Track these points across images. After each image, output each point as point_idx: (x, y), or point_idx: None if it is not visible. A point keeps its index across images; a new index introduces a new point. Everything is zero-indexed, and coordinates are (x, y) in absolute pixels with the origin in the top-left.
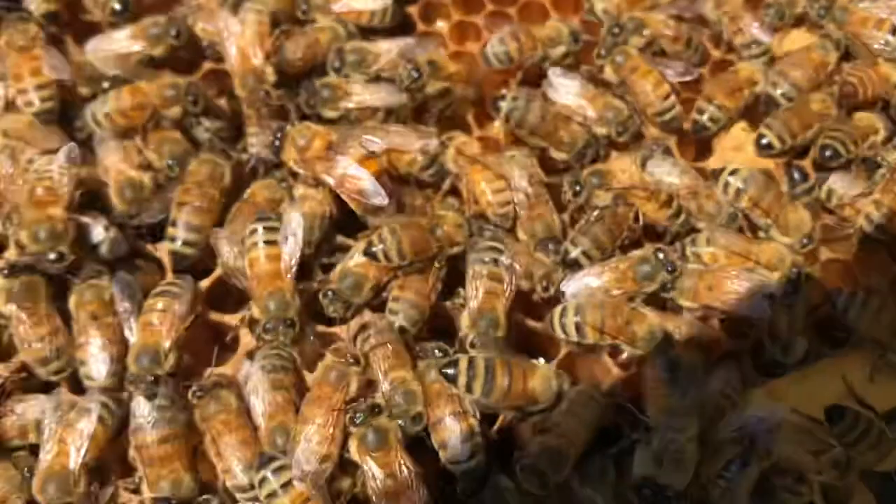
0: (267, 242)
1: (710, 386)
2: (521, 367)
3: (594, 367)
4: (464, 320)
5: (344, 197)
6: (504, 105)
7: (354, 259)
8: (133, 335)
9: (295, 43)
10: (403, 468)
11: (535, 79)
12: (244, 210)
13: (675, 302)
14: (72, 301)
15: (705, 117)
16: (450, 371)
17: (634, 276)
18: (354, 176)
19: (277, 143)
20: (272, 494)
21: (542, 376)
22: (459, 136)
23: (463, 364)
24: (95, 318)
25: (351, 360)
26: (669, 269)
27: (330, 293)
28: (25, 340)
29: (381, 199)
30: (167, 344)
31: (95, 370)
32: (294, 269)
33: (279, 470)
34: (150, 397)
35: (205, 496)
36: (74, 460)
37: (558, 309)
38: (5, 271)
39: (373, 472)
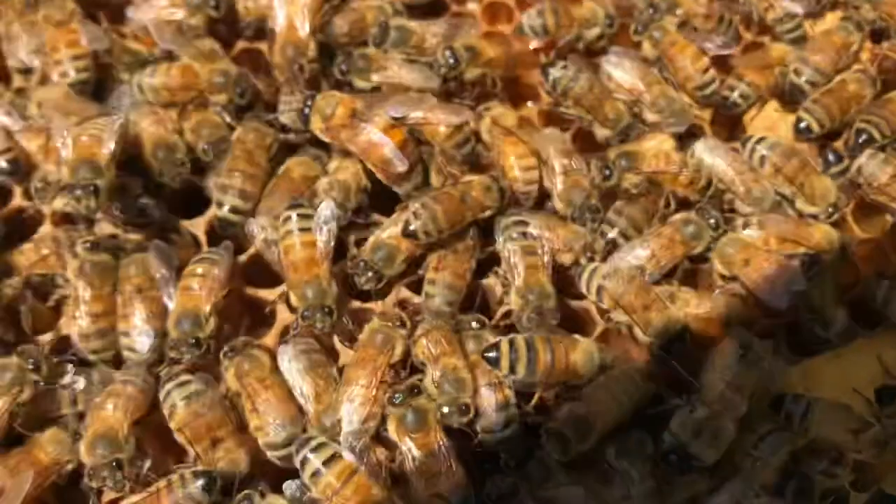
0: (301, 230)
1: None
2: (563, 343)
3: (630, 347)
4: (513, 300)
5: (369, 165)
6: (553, 72)
7: (387, 231)
8: (172, 301)
9: (343, 18)
10: (443, 448)
11: None
12: (280, 186)
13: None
14: (122, 272)
15: (736, 94)
16: (492, 355)
17: (682, 238)
18: (377, 144)
19: (307, 111)
20: (316, 473)
21: (583, 351)
22: (498, 107)
23: (504, 347)
24: (140, 290)
25: (397, 323)
26: (714, 225)
27: (362, 264)
28: (77, 314)
29: (402, 167)
30: (207, 308)
31: (139, 342)
32: (330, 256)
33: (318, 448)
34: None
35: (245, 491)
36: (120, 420)
37: (590, 266)
38: (87, 245)
39: (412, 452)
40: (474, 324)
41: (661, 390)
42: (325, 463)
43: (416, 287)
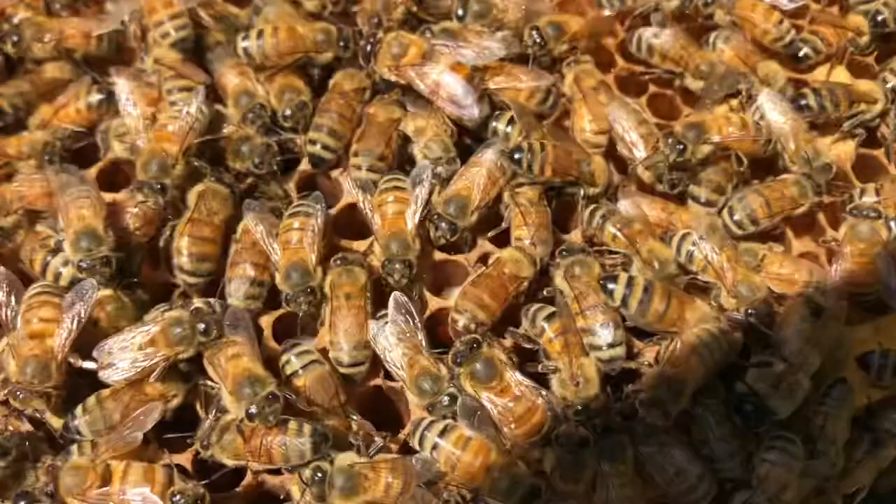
0: (396, 188)
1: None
2: (681, 300)
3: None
4: (637, 272)
5: (438, 102)
6: (635, 34)
7: (457, 184)
8: (276, 255)
9: None
10: (522, 387)
11: None
12: (370, 130)
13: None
14: (243, 223)
15: (808, 47)
16: (609, 285)
17: (791, 194)
18: (447, 82)
19: (369, 48)
20: (435, 447)
21: (700, 312)
22: (584, 63)
23: (623, 279)
24: (254, 245)
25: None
26: (817, 191)
27: (436, 217)
28: (182, 231)
29: (470, 101)
30: (313, 257)
31: (235, 286)
32: (419, 215)
33: (431, 425)
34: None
35: (314, 463)
36: (253, 361)
37: (681, 231)
38: (213, 178)
39: (494, 402)
40: (582, 252)
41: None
42: (441, 434)
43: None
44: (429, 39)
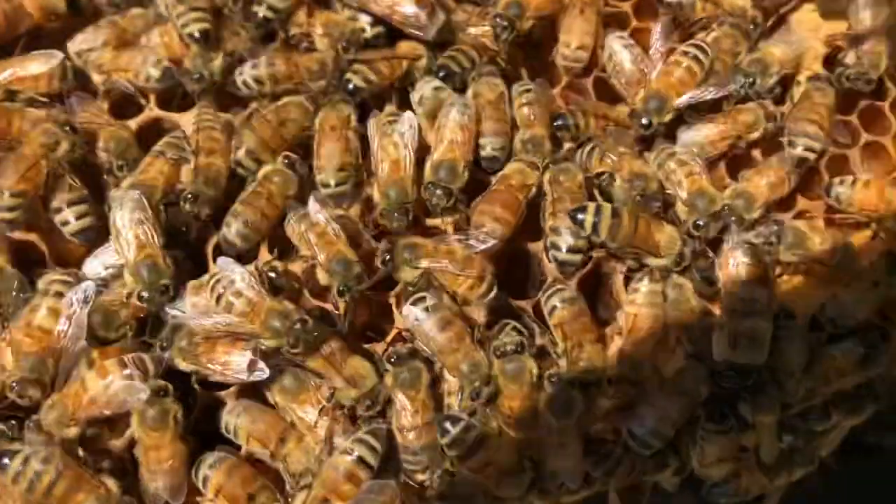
0: (386, 134)
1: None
2: (649, 222)
3: None
4: (617, 187)
5: (395, 24)
6: None
7: (439, 150)
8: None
9: None
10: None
11: None
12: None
13: None
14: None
15: None
16: (579, 216)
17: None
18: (399, 5)
19: None
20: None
21: (669, 235)
22: None
23: (591, 208)
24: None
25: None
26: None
27: (430, 186)
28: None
29: (425, 24)
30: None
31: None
32: (411, 162)
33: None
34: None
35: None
36: None
37: None
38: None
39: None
40: (565, 158)
41: None
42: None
43: None
44: None
